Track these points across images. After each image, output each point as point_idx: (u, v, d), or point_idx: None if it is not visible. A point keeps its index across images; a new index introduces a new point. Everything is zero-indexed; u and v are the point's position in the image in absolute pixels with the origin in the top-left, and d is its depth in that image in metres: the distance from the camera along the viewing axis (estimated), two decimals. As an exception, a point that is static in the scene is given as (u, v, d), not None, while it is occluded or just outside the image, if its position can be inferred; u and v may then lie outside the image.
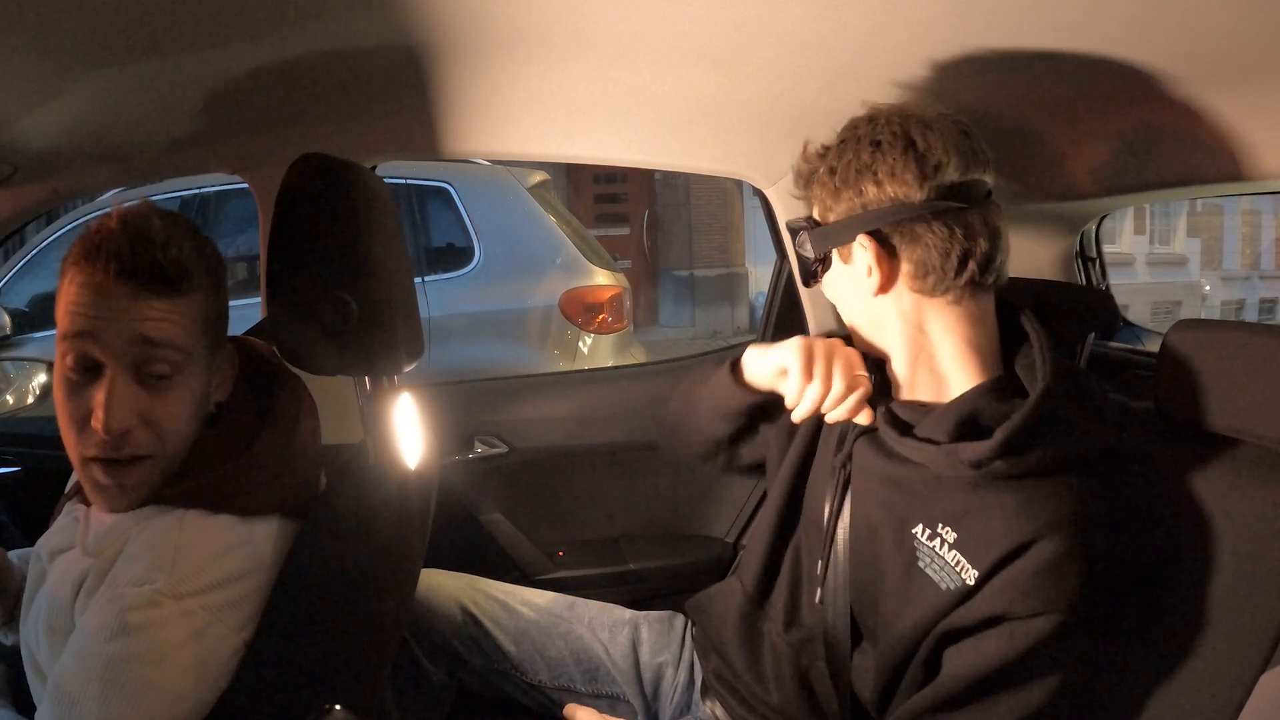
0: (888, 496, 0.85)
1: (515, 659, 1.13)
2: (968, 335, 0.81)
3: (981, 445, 0.75)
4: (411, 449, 0.94)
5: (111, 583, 0.72)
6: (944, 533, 0.79)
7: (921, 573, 0.80)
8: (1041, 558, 0.73)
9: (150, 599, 0.69)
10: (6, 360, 2.52)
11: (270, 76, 1.01)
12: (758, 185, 1.49)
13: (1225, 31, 0.73)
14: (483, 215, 3.14)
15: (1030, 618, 0.74)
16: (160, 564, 0.71)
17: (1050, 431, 0.76)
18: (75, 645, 0.71)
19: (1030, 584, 0.73)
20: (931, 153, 0.77)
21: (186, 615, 0.71)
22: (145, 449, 0.74)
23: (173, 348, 0.73)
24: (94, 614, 0.70)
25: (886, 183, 0.78)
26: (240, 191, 3.13)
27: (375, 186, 0.88)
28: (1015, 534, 0.74)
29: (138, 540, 0.74)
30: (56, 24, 0.77)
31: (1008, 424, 0.74)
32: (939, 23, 0.80)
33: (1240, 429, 0.79)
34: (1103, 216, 1.48)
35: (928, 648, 0.80)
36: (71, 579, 0.75)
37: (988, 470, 0.76)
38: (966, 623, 0.77)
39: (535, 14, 0.86)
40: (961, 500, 0.78)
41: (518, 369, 2.95)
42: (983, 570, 0.75)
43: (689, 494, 1.65)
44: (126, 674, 0.68)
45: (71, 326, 0.71)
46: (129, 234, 0.71)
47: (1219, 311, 10.35)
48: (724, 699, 1.03)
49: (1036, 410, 0.75)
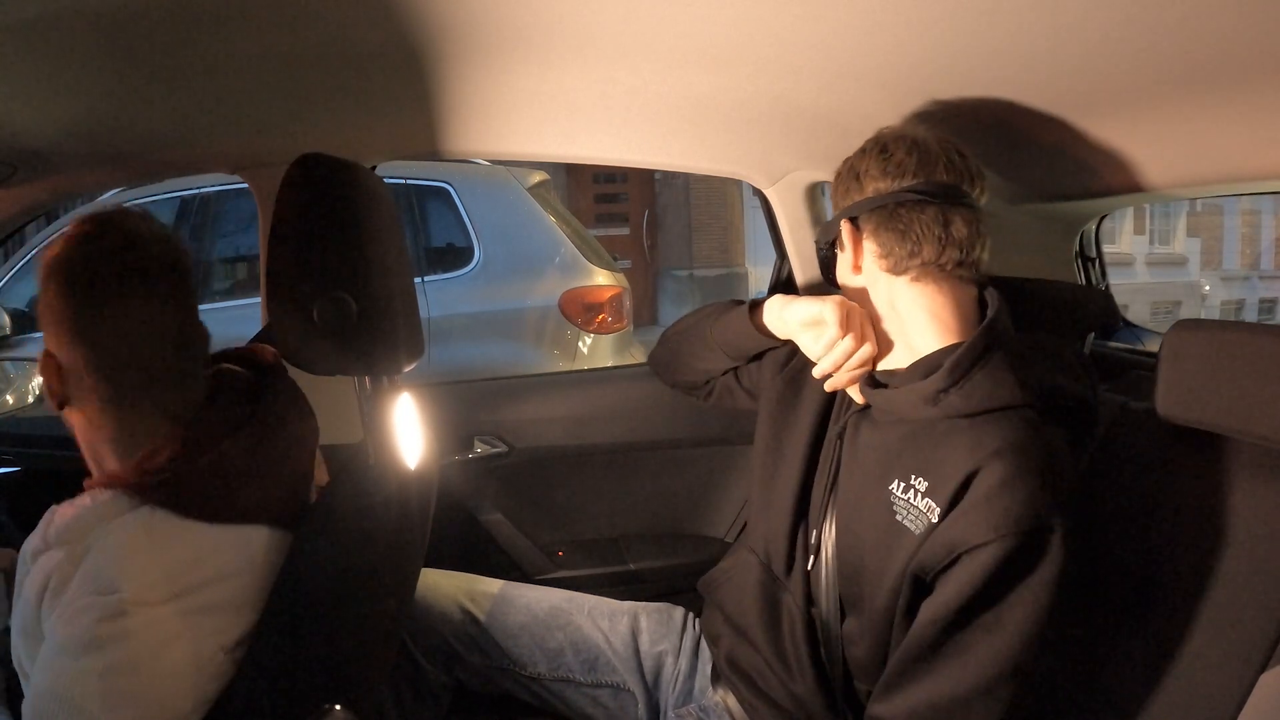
0: (872, 461, 0.90)
1: (513, 654, 1.14)
2: (932, 309, 0.90)
3: (934, 378, 0.83)
4: (411, 449, 0.94)
5: (78, 589, 0.70)
6: (916, 482, 0.83)
7: (899, 525, 0.84)
8: (988, 484, 0.77)
9: (117, 608, 0.69)
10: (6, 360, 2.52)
11: (270, 77, 1.01)
12: (758, 185, 1.49)
13: (1224, 32, 0.73)
14: (483, 215, 3.14)
15: (981, 546, 0.76)
16: (126, 572, 0.70)
17: (996, 358, 0.82)
18: (46, 660, 0.69)
19: (980, 512, 0.76)
20: (900, 159, 0.90)
21: (157, 623, 0.70)
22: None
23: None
24: (62, 625, 0.69)
25: (865, 181, 0.93)
26: (240, 191, 3.13)
27: (375, 186, 0.88)
28: (966, 464, 0.79)
29: (103, 540, 0.72)
30: (57, 24, 0.77)
31: (954, 354, 0.83)
32: (939, 22, 0.80)
33: (1240, 429, 0.79)
34: (1103, 216, 1.48)
35: (904, 597, 0.83)
36: (39, 579, 0.73)
37: (945, 406, 0.82)
38: (930, 560, 0.80)
39: (535, 14, 0.86)
40: (930, 448, 0.84)
41: (518, 369, 2.95)
42: (943, 506, 0.79)
43: (689, 494, 1.65)
44: (104, 687, 0.68)
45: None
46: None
47: (1219, 311, 10.35)
48: (735, 686, 1.04)
49: (981, 337, 0.83)
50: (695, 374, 1.23)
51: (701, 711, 1.08)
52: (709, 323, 1.15)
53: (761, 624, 1.00)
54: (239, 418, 0.81)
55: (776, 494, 1.03)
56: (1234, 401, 0.78)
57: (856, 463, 0.93)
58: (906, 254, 0.89)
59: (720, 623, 1.08)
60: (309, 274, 0.82)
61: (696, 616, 1.18)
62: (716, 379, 1.21)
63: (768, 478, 1.06)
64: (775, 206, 1.49)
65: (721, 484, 1.64)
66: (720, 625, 1.08)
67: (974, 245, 0.88)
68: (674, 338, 1.25)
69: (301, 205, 0.82)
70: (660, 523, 1.66)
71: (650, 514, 1.65)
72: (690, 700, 1.11)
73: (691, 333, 1.20)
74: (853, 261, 0.94)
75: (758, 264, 8.42)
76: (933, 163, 0.89)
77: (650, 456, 1.62)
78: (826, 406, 1.02)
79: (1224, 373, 0.79)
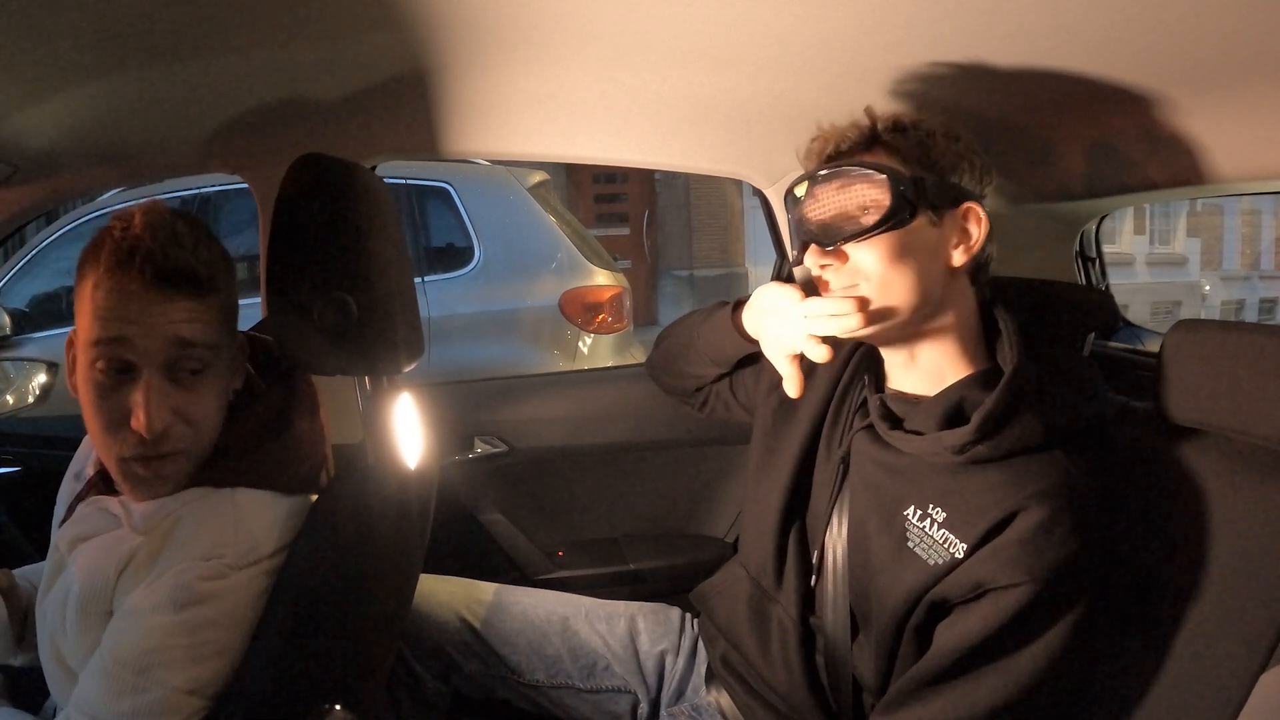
0: (882, 482, 0.88)
1: (511, 662, 1.13)
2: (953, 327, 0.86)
3: (962, 430, 0.80)
4: (411, 449, 0.94)
5: (169, 560, 0.75)
6: (934, 513, 0.82)
7: (911, 552, 0.83)
8: (1025, 527, 0.76)
9: (217, 571, 0.74)
10: (6, 360, 2.52)
11: (270, 77, 1.01)
12: (758, 185, 1.49)
13: (1224, 32, 0.73)
14: (483, 215, 3.14)
15: (1014, 586, 0.75)
16: (223, 540, 0.76)
17: (1025, 410, 0.80)
18: (129, 623, 0.73)
19: (1014, 553, 0.76)
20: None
21: (251, 581, 0.76)
22: (182, 443, 0.77)
23: (204, 346, 0.76)
24: (152, 591, 0.73)
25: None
26: (240, 191, 3.13)
27: (375, 186, 0.88)
28: (1001, 506, 0.77)
29: (191, 519, 0.77)
30: (58, 24, 0.77)
31: (982, 408, 0.80)
32: (939, 23, 0.80)
33: (1240, 429, 0.79)
34: (1103, 216, 1.48)
35: (919, 617, 0.82)
36: (115, 559, 0.76)
37: (972, 454, 0.80)
38: (953, 593, 0.79)
39: (535, 14, 0.86)
40: (951, 480, 0.82)
41: (518, 369, 2.95)
42: (970, 543, 0.78)
43: (689, 494, 1.65)
44: (201, 638, 0.73)
45: (104, 332, 0.72)
46: (160, 239, 0.73)
47: (1219, 311, 10.35)
48: (730, 686, 1.04)
49: (1007, 392, 0.80)
50: (686, 380, 1.20)
51: (694, 711, 1.08)
52: (696, 327, 1.12)
53: (753, 636, 1.00)
54: (287, 393, 0.87)
55: (765, 509, 1.01)
56: (1234, 401, 0.78)
57: (865, 484, 0.91)
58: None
59: (713, 629, 1.08)
60: (309, 274, 0.82)
61: (694, 616, 1.18)
62: (708, 387, 1.19)
63: (758, 494, 1.04)
64: (775, 206, 1.49)
65: (721, 484, 1.64)
66: (713, 630, 1.08)
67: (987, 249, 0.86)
68: (665, 340, 1.22)
69: (301, 205, 0.82)
70: (660, 523, 1.66)
71: (650, 514, 1.65)
72: (683, 699, 1.11)
73: (680, 336, 1.17)
74: (950, 245, 0.84)
75: (758, 264, 8.42)
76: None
77: (650, 456, 1.62)
78: (818, 424, 1.00)
79: (1224, 373, 0.79)
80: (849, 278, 0.84)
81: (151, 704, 0.70)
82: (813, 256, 0.85)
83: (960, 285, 0.86)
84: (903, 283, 0.82)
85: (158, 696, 0.71)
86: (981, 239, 0.84)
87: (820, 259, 0.85)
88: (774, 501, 1.00)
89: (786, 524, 0.99)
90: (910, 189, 0.80)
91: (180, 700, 0.72)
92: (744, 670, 1.02)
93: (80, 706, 0.72)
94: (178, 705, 0.71)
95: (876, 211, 0.81)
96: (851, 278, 0.84)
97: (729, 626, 1.04)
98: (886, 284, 0.82)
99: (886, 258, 0.81)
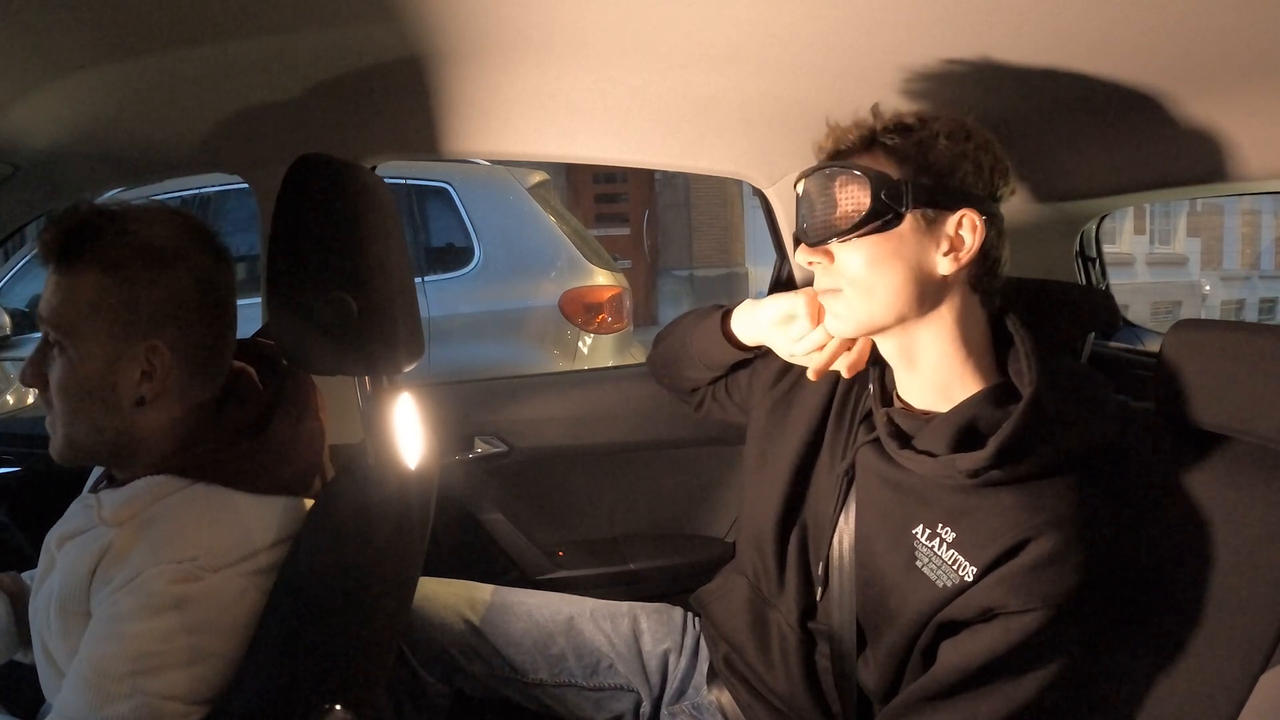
0: (889, 499, 0.87)
1: (515, 662, 1.13)
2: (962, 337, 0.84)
3: (977, 455, 0.77)
4: (411, 449, 0.94)
5: (140, 560, 0.74)
6: (943, 533, 0.81)
7: (919, 572, 0.82)
8: (1038, 554, 0.75)
9: (190, 573, 0.74)
10: (6, 360, 2.52)
11: (271, 77, 1.01)
12: (758, 185, 1.49)
13: (1224, 33, 0.73)
14: (483, 215, 3.14)
15: (1024, 612, 0.75)
16: (196, 541, 0.75)
17: (1042, 436, 0.78)
18: (106, 630, 0.72)
19: (1026, 579, 0.75)
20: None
21: (228, 582, 0.76)
22: (54, 413, 0.80)
23: (54, 322, 0.78)
24: (131, 593, 0.73)
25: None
26: (240, 191, 3.13)
27: (375, 186, 0.88)
28: (1014, 531, 0.76)
29: (163, 519, 0.77)
30: (57, 23, 0.77)
31: (999, 434, 0.77)
32: (939, 23, 0.80)
33: (1240, 429, 0.79)
34: (1103, 216, 1.48)
35: (926, 638, 0.82)
36: (89, 556, 0.76)
37: (986, 478, 0.79)
38: (962, 616, 0.79)
39: (535, 14, 0.86)
40: (961, 501, 0.81)
41: (518, 369, 2.95)
42: (981, 566, 0.77)
43: (689, 494, 1.65)
44: (178, 644, 0.72)
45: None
46: (57, 217, 0.78)
47: (1219, 311, 10.35)
48: (732, 686, 1.04)
49: (1025, 418, 0.77)
50: (682, 382, 1.21)
51: (695, 710, 1.08)
52: (689, 332, 1.13)
53: (753, 641, 1.00)
54: (267, 401, 0.87)
55: (763, 515, 1.00)
56: (1234, 401, 0.78)
57: (871, 499, 0.89)
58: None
59: (714, 631, 1.08)
60: (309, 274, 0.82)
61: (696, 616, 1.18)
62: (704, 389, 1.19)
63: (755, 498, 1.03)
64: (775, 206, 1.49)
65: (721, 484, 1.64)
66: (714, 632, 1.08)
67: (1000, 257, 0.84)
68: (661, 342, 1.23)
69: (301, 205, 0.82)
70: (660, 523, 1.66)
71: (650, 514, 1.65)
72: (684, 698, 1.11)
73: (674, 340, 1.18)
74: (938, 252, 0.80)
75: (758, 264, 8.42)
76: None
77: (650, 456, 1.62)
78: (817, 428, 0.99)
79: (1224, 373, 0.79)
80: (834, 278, 0.84)
81: (131, 711, 0.70)
82: (803, 253, 0.85)
83: (958, 293, 0.83)
84: (884, 287, 0.81)
85: (138, 704, 0.70)
86: (974, 248, 0.80)
87: (809, 255, 0.85)
88: (772, 507, 0.99)
89: (785, 531, 0.99)
90: (894, 193, 0.79)
91: (161, 707, 0.71)
92: (746, 672, 1.02)
93: (62, 713, 0.72)
94: (159, 712, 0.71)
95: (859, 214, 0.80)
96: (836, 279, 0.84)
97: (729, 630, 1.04)
98: (868, 287, 0.81)
99: (869, 260, 0.81)
